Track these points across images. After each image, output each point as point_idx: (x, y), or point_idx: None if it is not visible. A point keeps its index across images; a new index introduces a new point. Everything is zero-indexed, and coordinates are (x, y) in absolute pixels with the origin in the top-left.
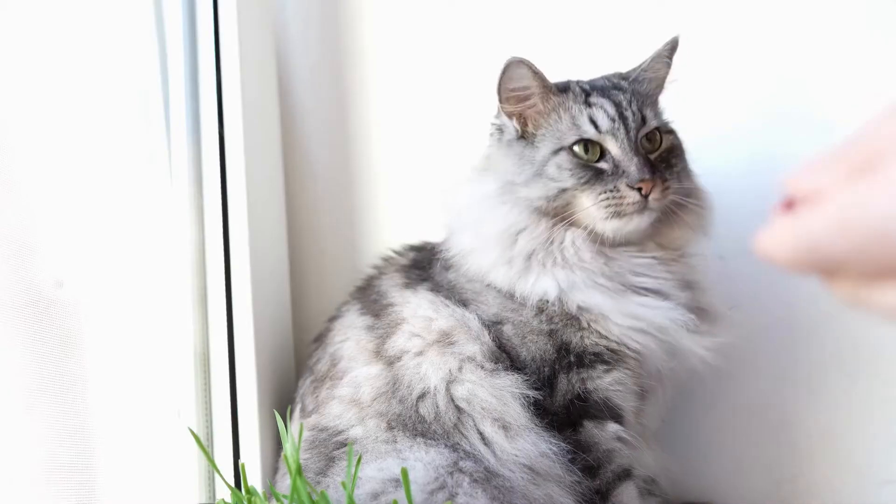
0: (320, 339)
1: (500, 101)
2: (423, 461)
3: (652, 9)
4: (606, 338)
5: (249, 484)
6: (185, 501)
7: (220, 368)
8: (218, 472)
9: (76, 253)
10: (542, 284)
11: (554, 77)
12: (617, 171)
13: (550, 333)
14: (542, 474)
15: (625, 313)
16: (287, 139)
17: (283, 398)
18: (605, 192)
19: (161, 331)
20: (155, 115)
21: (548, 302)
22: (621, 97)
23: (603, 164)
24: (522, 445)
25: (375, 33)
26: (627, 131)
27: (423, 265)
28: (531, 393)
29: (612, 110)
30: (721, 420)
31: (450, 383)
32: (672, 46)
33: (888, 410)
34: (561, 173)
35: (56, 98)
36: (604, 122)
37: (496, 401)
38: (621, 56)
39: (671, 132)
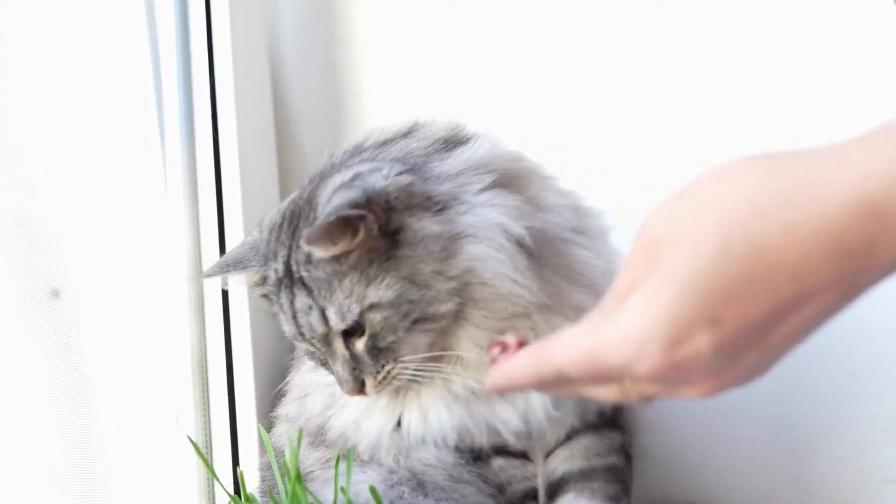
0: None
1: None
2: (364, 483)
3: (652, 10)
4: None
5: (248, 491)
6: None
7: (217, 375)
8: (217, 479)
9: (73, 260)
10: None
11: (561, 83)
12: None
13: None
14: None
15: None
16: (282, 139)
17: None
18: None
19: (157, 338)
20: (149, 118)
21: None
22: None
23: None
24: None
25: (370, 34)
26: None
27: None
28: None
29: None
30: (720, 421)
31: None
32: None
33: (888, 410)
34: None
35: (54, 102)
36: None
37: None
38: (621, 58)
39: None
